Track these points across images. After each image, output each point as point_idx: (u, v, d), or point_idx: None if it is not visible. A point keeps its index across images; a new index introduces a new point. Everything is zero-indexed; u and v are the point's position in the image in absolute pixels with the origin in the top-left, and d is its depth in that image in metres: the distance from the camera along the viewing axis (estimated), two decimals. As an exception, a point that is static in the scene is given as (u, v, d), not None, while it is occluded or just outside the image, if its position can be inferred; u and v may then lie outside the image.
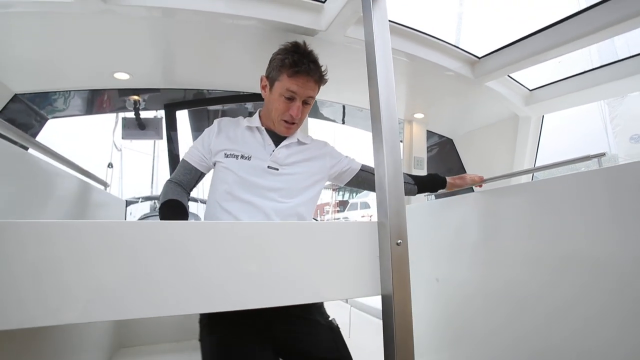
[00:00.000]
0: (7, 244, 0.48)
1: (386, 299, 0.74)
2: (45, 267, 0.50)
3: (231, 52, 1.45)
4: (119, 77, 1.52)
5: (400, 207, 0.76)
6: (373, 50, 0.83)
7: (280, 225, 0.72)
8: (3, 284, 0.48)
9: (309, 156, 1.07)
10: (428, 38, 1.42)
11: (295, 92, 0.96)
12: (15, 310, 0.47)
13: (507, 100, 1.71)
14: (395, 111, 0.81)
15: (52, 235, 0.51)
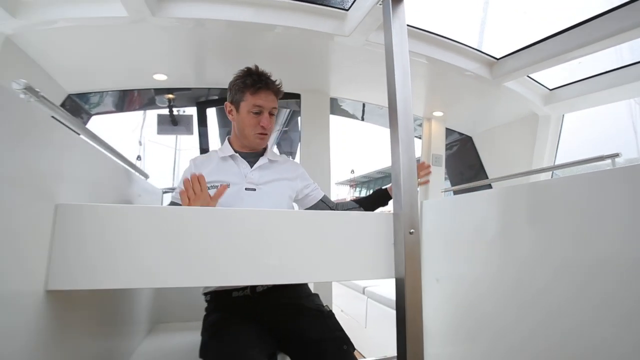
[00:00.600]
0: (85, 222, 0.62)
1: (399, 282, 0.83)
2: (114, 242, 0.63)
3: (259, 54, 1.56)
4: (158, 78, 1.66)
5: (413, 200, 0.85)
6: (392, 56, 0.91)
7: (308, 214, 0.82)
8: (84, 253, 0.61)
9: (282, 176, 1.15)
10: (446, 41, 1.47)
11: (262, 106, 1.07)
12: (88, 274, 0.61)
13: (526, 99, 1.73)
14: (411, 113, 0.89)
15: (125, 217, 0.64)
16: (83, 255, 0.61)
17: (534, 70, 1.48)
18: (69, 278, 0.61)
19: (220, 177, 1.08)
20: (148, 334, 1.44)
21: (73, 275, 0.61)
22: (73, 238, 0.62)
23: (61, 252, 0.61)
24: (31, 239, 0.56)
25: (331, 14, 1.26)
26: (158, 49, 1.44)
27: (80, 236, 0.62)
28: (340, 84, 1.98)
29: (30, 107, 0.59)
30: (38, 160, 0.59)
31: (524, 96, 1.70)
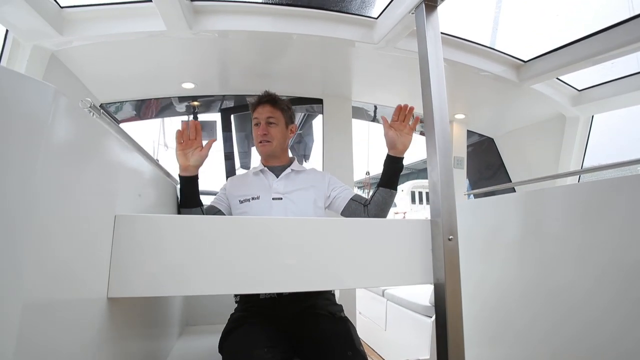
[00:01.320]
0: (140, 232, 0.66)
1: (439, 288, 0.84)
2: (167, 250, 0.66)
3: (283, 63, 1.60)
4: (186, 87, 1.72)
5: (451, 207, 0.86)
6: (427, 65, 0.92)
7: (343, 222, 0.83)
8: (140, 261, 0.64)
9: (308, 184, 1.22)
10: (470, 44, 1.47)
11: (257, 118, 1.21)
12: (145, 282, 0.65)
13: (554, 101, 1.71)
14: (447, 120, 0.90)
15: (175, 226, 0.67)
16: (139, 264, 0.65)
17: (564, 73, 1.46)
18: (128, 286, 0.64)
19: (251, 190, 1.19)
20: (179, 336, 1.49)
21: (132, 284, 0.64)
22: (130, 247, 0.66)
23: (120, 261, 0.65)
24: (97, 248, 0.60)
25: (359, 22, 1.28)
26: (188, 59, 1.49)
27: (137, 245, 0.66)
28: (362, 89, 2.00)
29: (93, 123, 0.63)
30: (101, 173, 0.63)
31: (551, 98, 1.68)
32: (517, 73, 1.55)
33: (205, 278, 0.68)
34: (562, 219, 1.18)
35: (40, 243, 0.41)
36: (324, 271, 0.77)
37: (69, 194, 0.49)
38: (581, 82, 1.72)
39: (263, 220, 0.75)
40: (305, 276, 0.75)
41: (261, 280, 0.71)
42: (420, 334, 2.21)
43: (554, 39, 1.42)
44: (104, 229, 0.63)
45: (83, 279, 0.56)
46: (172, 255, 0.67)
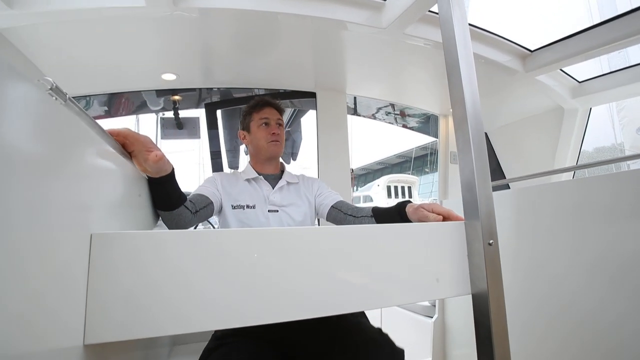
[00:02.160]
0: (122, 254, 0.51)
1: (479, 298, 0.74)
2: (158, 277, 0.52)
3: (279, 50, 1.45)
4: (166, 78, 1.53)
5: (490, 208, 0.76)
6: (455, 53, 0.81)
7: (362, 229, 0.70)
8: (106, 295, 0.50)
9: (303, 196, 1.20)
10: (476, 30, 1.39)
11: (268, 118, 1.17)
12: (130, 320, 0.50)
13: (555, 92, 1.67)
14: (480, 112, 0.80)
15: (166, 244, 0.53)
16: (125, 296, 0.50)
17: (571, 63, 1.41)
18: (112, 327, 0.49)
19: (245, 198, 1.12)
20: (168, 358, 1.33)
21: (116, 323, 0.49)
22: (112, 275, 0.50)
23: (100, 295, 0.50)
24: (68, 280, 0.45)
25: (365, 3, 1.16)
26: (168, 46, 1.32)
27: (120, 272, 0.51)
28: (358, 82, 1.89)
29: (59, 112, 0.47)
30: (71, 177, 0.47)
31: (552, 89, 1.64)
32: (523, 63, 1.49)
33: (214, 309, 0.53)
34: (555, 216, 1.18)
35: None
36: (346, 291, 0.64)
37: (24, 208, 0.34)
38: (581, 74, 1.70)
39: (293, 231, 0.61)
40: (326, 299, 0.62)
41: (279, 307, 0.57)
42: (420, 336, 2.14)
43: (562, 27, 1.36)
44: (77, 254, 0.47)
45: (50, 324, 0.41)
46: (169, 282, 0.52)
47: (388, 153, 14.28)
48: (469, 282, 0.76)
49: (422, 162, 16.07)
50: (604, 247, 1.09)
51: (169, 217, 0.91)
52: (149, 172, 0.84)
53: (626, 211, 1.04)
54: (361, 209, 1.14)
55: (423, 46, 1.36)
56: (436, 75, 1.74)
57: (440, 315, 2.05)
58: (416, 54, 1.46)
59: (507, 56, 1.46)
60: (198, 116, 2.00)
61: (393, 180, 13.22)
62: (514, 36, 1.41)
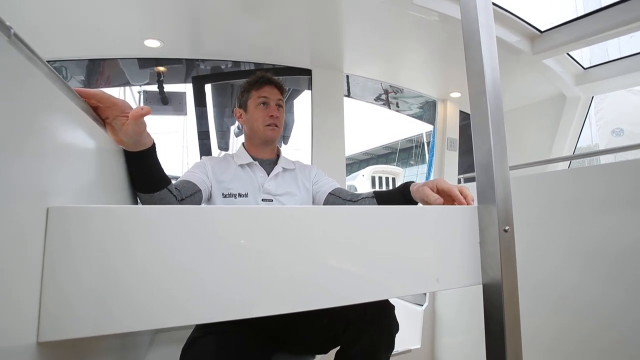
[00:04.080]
0: (73, 233, 0.42)
1: (491, 289, 0.68)
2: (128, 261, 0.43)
3: (274, 17, 1.34)
4: (150, 45, 1.39)
5: (507, 192, 0.69)
6: (475, 17, 0.72)
7: (363, 210, 0.62)
8: (64, 284, 0.41)
9: (299, 184, 1.13)
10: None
11: (267, 97, 1.08)
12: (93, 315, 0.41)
13: (559, 78, 1.62)
14: (500, 87, 0.73)
15: (142, 221, 0.44)
16: (86, 287, 0.41)
17: (581, 46, 1.35)
18: (70, 323, 0.40)
19: (237, 185, 1.04)
20: (150, 346, 1.25)
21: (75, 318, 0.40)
22: (72, 260, 0.41)
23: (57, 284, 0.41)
24: (18, 265, 0.36)
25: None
26: (153, 7, 1.18)
27: (82, 255, 0.42)
28: (354, 60, 1.78)
29: (15, 62, 0.37)
30: (24, 138, 0.38)
31: (558, 74, 1.58)
32: (532, 44, 1.42)
33: (195, 302, 0.45)
34: (552, 206, 1.18)
35: None
36: (346, 279, 0.56)
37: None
38: (587, 61, 1.64)
39: (287, 211, 0.52)
40: (326, 289, 0.54)
41: (267, 299, 0.49)
42: (410, 323, 2.14)
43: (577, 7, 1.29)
44: (29, 232, 0.38)
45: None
46: (143, 268, 0.43)
47: (375, 144, 14.23)
48: (479, 271, 0.70)
49: (408, 154, 16.17)
50: (601, 238, 1.08)
51: (149, 200, 0.80)
52: (125, 144, 0.71)
53: (622, 202, 1.03)
54: (360, 193, 1.07)
55: (428, 20, 1.26)
56: (439, 55, 1.65)
57: (430, 303, 2.04)
58: (420, 30, 1.36)
59: (517, 36, 1.38)
60: (184, 91, 1.86)
61: (378, 171, 13.32)
62: (525, 14, 1.34)
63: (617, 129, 5.33)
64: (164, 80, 1.80)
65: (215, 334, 0.81)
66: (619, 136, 5.32)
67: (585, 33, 1.29)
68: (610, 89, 1.72)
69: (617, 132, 5.39)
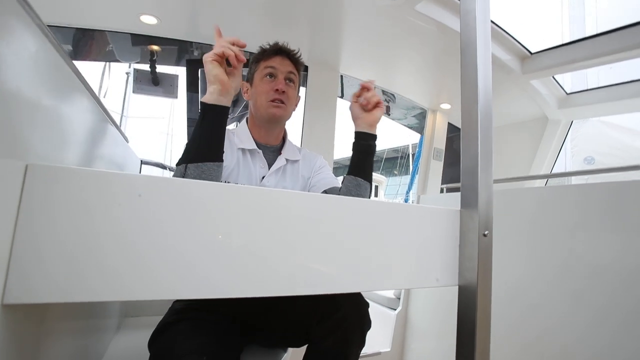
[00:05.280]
0: (53, 196, 0.40)
1: (466, 291, 0.70)
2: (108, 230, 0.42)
3: (274, 7, 1.33)
4: (146, 21, 1.35)
5: (489, 196, 0.72)
6: (473, 32, 0.75)
7: (351, 202, 0.62)
8: (37, 247, 0.39)
9: (298, 177, 0.99)
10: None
11: (275, 67, 0.92)
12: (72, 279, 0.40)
13: (544, 100, 1.69)
14: (491, 97, 0.75)
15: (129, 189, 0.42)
16: (62, 251, 0.39)
17: (569, 70, 1.42)
18: (39, 287, 0.38)
19: (236, 177, 0.90)
20: (118, 330, 1.21)
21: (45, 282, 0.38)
22: (48, 221, 0.39)
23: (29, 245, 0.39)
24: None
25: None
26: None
27: (60, 218, 0.40)
28: (351, 60, 1.79)
29: None
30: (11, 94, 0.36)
31: (543, 96, 1.65)
32: (522, 64, 1.48)
33: (168, 275, 0.44)
34: (527, 220, 1.23)
35: None
36: (324, 268, 0.56)
37: None
38: (568, 86, 1.73)
39: (276, 194, 0.52)
40: (298, 276, 0.54)
41: (244, 281, 0.49)
42: (382, 326, 2.16)
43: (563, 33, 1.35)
44: (3, 189, 0.36)
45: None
46: (123, 237, 0.42)
47: (344, 154, 14.43)
48: (457, 273, 0.72)
49: (392, 164, 16.38)
50: (572, 255, 1.13)
51: (196, 171, 0.71)
52: (228, 90, 0.74)
53: (592, 222, 1.08)
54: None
55: (426, 28, 1.29)
56: (433, 65, 1.70)
57: (404, 308, 2.07)
58: (418, 37, 1.39)
59: (509, 55, 1.43)
60: (177, 74, 1.82)
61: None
62: (518, 34, 1.39)
63: (589, 157, 5.60)
64: (156, 60, 1.76)
65: (187, 321, 0.78)
66: (590, 164, 5.60)
67: (573, 58, 1.35)
68: (589, 115, 1.81)
69: (589, 160, 5.65)
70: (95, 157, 0.81)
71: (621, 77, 1.53)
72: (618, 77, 1.54)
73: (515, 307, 1.28)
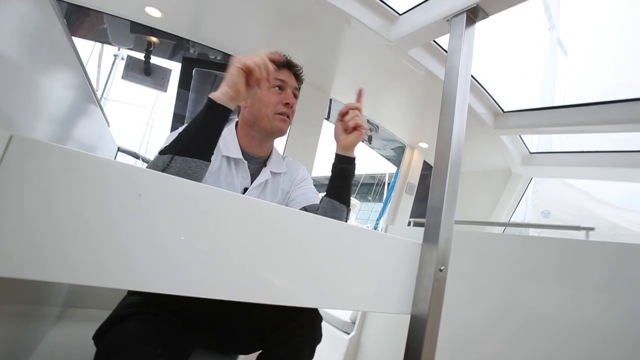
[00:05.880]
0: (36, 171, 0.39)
1: (417, 321, 0.74)
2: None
3: (276, 23, 1.39)
4: (150, 13, 1.36)
5: (449, 235, 0.78)
6: (455, 80, 0.84)
7: (321, 222, 0.64)
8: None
9: (278, 190, 0.98)
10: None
11: (285, 80, 0.91)
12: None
13: (510, 155, 1.84)
14: (463, 144, 0.83)
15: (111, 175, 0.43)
16: (26, 226, 0.38)
17: (535, 133, 1.57)
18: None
19: (217, 183, 0.87)
20: (58, 320, 1.14)
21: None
22: (20, 193, 0.39)
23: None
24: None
25: (381, 10, 1.16)
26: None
27: (31, 192, 0.40)
28: (342, 87, 1.89)
29: None
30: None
31: (509, 152, 1.81)
32: (495, 120, 1.62)
33: (136, 265, 0.43)
34: (481, 262, 1.31)
35: None
36: (284, 281, 0.58)
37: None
38: (535, 145, 1.90)
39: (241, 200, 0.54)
40: (259, 285, 0.55)
41: (204, 282, 0.49)
42: (333, 349, 2.15)
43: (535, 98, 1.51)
44: None
45: None
46: (95, 221, 0.41)
47: (317, 173, 14.57)
48: (411, 302, 0.76)
49: (368, 189, 16.64)
50: (519, 302, 1.20)
51: (183, 171, 0.69)
52: (239, 95, 0.73)
53: (544, 273, 1.17)
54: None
55: (416, 72, 1.40)
56: (417, 105, 1.82)
57: (357, 333, 2.09)
58: (407, 78, 1.50)
59: (484, 109, 1.57)
60: (170, 69, 1.82)
61: (336, 197, 13.57)
62: (495, 91, 1.54)
63: (546, 211, 6.01)
64: (153, 50, 1.75)
65: (143, 315, 0.76)
66: (547, 217, 5.99)
67: (539, 123, 1.51)
68: (547, 176, 1.99)
69: (546, 213, 6.06)
70: (72, 136, 0.80)
71: (581, 146, 1.72)
72: (579, 146, 1.73)
73: (457, 342, 1.33)
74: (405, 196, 2.29)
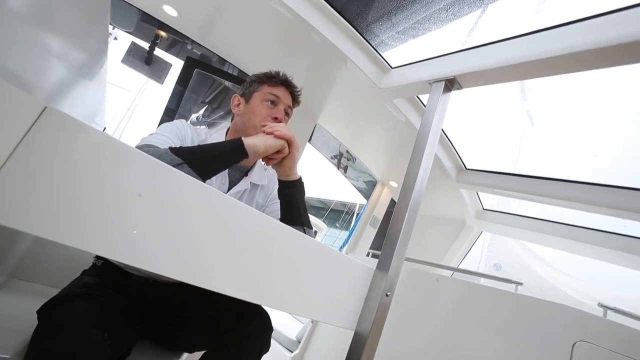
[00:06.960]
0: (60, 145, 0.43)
1: (359, 338, 0.83)
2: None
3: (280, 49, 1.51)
4: (167, 11, 1.44)
5: (399, 265, 0.89)
6: (426, 134, 0.98)
7: (289, 232, 0.72)
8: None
9: (252, 204, 1.00)
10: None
11: (279, 97, 0.94)
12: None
13: (466, 208, 2.04)
14: (424, 190, 0.96)
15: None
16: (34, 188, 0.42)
17: (492, 193, 1.77)
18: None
19: None
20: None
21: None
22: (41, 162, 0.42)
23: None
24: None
25: (375, 59, 1.32)
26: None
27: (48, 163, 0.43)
28: (328, 117, 2.03)
29: None
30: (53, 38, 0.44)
31: (466, 204, 2.00)
32: (457, 174, 1.82)
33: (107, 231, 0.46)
34: (425, 299, 1.41)
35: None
36: (243, 275, 0.62)
37: None
38: (494, 203, 2.13)
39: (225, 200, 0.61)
40: (219, 275, 0.59)
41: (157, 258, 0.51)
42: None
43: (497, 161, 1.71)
44: (13, 122, 0.40)
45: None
46: (88, 190, 0.45)
47: (312, 194, 14.56)
48: (357, 319, 0.85)
49: (337, 216, 16.72)
50: (441, 337, 1.30)
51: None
52: (257, 153, 0.83)
53: (486, 322, 1.26)
54: None
55: (397, 118, 1.56)
56: (393, 146, 1.99)
57: (301, 352, 2.11)
58: (389, 121, 1.66)
59: (450, 163, 1.76)
60: (171, 64, 1.87)
61: (304, 219, 13.51)
62: (462, 147, 1.73)
63: (498, 264, 6.39)
64: (158, 43, 1.80)
65: (96, 296, 0.77)
66: (498, 270, 6.37)
67: (496, 185, 1.71)
68: (495, 232, 2.21)
69: (497, 266, 6.44)
70: (76, 102, 0.83)
71: (537, 212, 1.94)
72: (535, 211, 1.95)
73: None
74: (368, 228, 2.42)
